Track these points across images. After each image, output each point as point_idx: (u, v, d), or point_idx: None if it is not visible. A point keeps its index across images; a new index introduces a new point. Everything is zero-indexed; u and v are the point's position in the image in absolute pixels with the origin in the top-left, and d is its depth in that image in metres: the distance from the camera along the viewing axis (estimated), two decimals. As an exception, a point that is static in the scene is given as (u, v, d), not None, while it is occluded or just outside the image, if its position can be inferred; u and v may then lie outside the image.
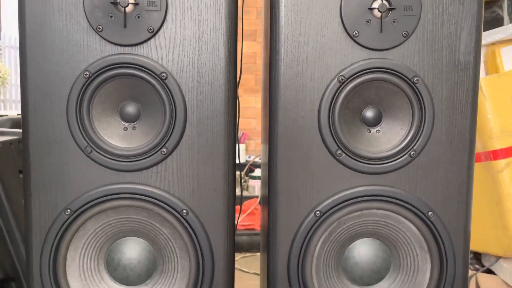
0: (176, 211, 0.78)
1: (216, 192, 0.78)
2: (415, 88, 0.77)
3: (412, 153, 0.78)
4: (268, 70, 0.80)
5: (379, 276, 0.82)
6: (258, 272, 1.89)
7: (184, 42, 0.76)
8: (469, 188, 0.80)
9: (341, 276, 0.81)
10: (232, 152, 0.79)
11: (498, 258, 1.50)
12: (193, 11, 0.75)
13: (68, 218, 0.77)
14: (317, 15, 0.76)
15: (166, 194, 0.78)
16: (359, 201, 0.79)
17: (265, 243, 0.83)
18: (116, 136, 0.78)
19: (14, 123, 2.04)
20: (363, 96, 0.79)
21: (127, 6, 0.74)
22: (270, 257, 0.80)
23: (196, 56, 0.76)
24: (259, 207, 2.88)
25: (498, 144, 1.40)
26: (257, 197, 2.91)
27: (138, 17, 0.75)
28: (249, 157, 3.69)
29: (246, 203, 2.83)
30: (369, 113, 0.80)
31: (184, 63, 0.76)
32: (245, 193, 3.20)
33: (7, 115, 2.33)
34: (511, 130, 1.42)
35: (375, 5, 0.75)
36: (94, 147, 0.77)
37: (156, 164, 0.78)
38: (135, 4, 0.74)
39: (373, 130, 0.80)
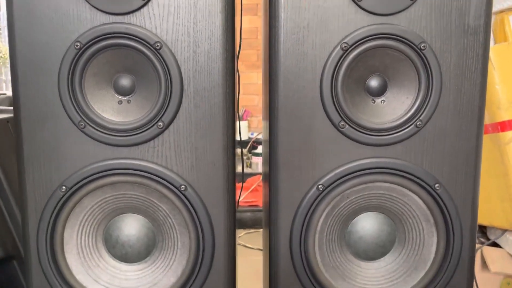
0: (174, 186, 0.75)
1: (215, 166, 0.76)
2: (422, 55, 0.73)
3: (418, 123, 0.75)
4: (267, 39, 0.76)
5: (383, 250, 0.80)
6: (262, 248, 1.89)
7: (178, 9, 0.72)
8: (478, 158, 0.77)
9: (345, 250, 0.79)
10: (231, 125, 0.76)
11: (504, 231, 1.48)
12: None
13: (64, 195, 0.75)
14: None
15: (164, 169, 0.75)
16: (363, 174, 0.76)
17: (267, 218, 0.81)
18: (110, 109, 0.75)
19: (12, 101, 2.00)
20: (367, 64, 0.75)
21: (118, -29, 0.70)
22: (272, 232, 0.78)
23: (191, 24, 0.72)
24: (262, 183, 2.87)
25: (506, 115, 1.36)
26: (260, 174, 2.90)
27: (130, -17, 0.71)
28: (252, 134, 3.66)
29: (249, 180, 2.82)
30: (374, 82, 0.76)
31: (179, 32, 0.72)
32: (248, 170, 3.18)
33: (5, 93, 2.30)
34: (520, 101, 1.38)
35: (380, -34, 0.71)
36: (88, 122, 0.74)
37: (153, 138, 0.75)
38: (126, -30, 0.70)
39: (378, 100, 0.77)
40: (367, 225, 0.80)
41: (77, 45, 0.72)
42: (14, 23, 0.72)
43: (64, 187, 0.75)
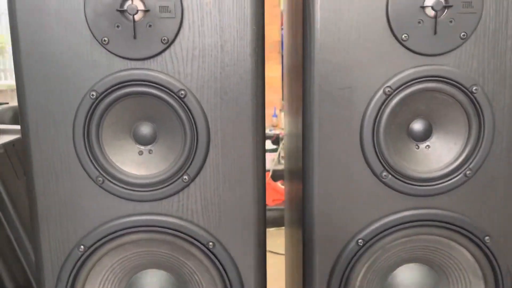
0: (201, 243, 0.69)
1: (245, 221, 0.70)
2: (473, 98, 0.66)
3: (467, 172, 0.68)
4: (296, 70, 0.70)
5: (426, 303, 0.74)
6: (273, 250, 1.82)
7: (204, 53, 0.65)
8: (531, 207, 0.71)
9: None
10: (262, 177, 0.69)
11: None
12: (213, 16, 0.64)
13: (82, 255, 0.69)
14: (359, 16, 0.64)
15: (190, 225, 0.69)
16: (407, 227, 0.70)
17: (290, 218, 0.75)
18: (130, 162, 0.69)
19: (16, 112, 1.94)
20: (411, 108, 0.68)
21: (136, 13, 0.63)
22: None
23: (218, 69, 0.65)
24: (270, 182, 2.81)
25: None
26: (268, 171, 2.84)
27: (150, 25, 0.63)
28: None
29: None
30: (418, 126, 0.69)
31: (204, 77, 0.66)
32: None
33: (7, 103, 2.23)
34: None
35: (429, 2, 0.63)
36: (107, 176, 0.67)
37: (177, 192, 0.69)
38: (146, 11, 0.63)
39: (422, 145, 0.70)
40: (409, 277, 0.74)
41: (92, 95, 0.65)
42: (22, 69, 0.65)
43: (82, 247, 0.69)
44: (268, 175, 2.78)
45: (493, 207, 0.70)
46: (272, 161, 2.92)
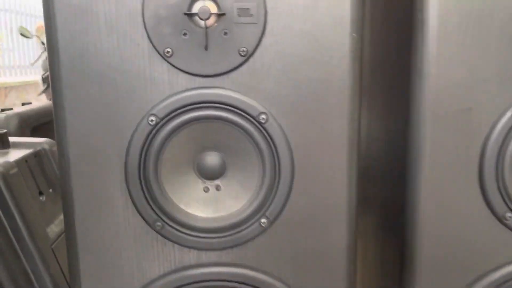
0: (282, 300, 0.57)
1: (334, 274, 0.57)
2: None
3: None
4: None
5: None
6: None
7: (291, 68, 0.52)
8: None
9: None
10: (354, 221, 0.56)
11: None
12: (303, 20, 0.51)
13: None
14: (487, 19, 0.51)
15: (267, 277, 0.56)
16: (532, 278, 0.57)
17: None
18: (194, 201, 0.56)
19: (22, 119, 1.80)
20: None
21: (209, 18, 0.49)
22: None
23: (308, 87, 0.52)
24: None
25: None
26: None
27: (225, 33, 0.50)
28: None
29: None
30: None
31: (290, 98, 0.52)
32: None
33: (11, 109, 2.08)
34: None
35: None
36: (167, 220, 0.54)
37: (253, 239, 0.55)
38: (220, 15, 0.50)
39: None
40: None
41: (151, 120, 0.52)
42: (61, 87, 0.51)
43: (135, 306, 0.56)
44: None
45: None
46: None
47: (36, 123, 1.84)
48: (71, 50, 0.50)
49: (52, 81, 0.52)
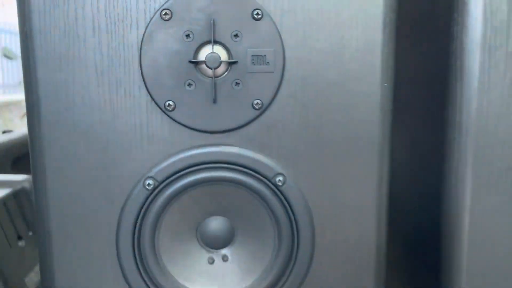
0: None
1: None
2: None
3: None
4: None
5: None
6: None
7: (313, 122, 0.44)
8: None
9: None
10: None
11: None
12: (327, 67, 0.44)
13: None
14: None
15: None
16: None
17: None
18: (197, 275, 0.47)
19: (1, 151, 1.69)
20: None
21: (218, 66, 0.42)
22: None
23: (330, 146, 0.45)
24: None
25: None
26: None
27: (237, 83, 0.43)
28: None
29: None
30: None
31: (312, 156, 0.45)
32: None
33: (11, 130, 1.96)
34: None
35: None
36: (165, 300, 0.46)
37: (267, 319, 0.48)
38: (232, 63, 0.43)
39: None
40: None
41: (149, 184, 0.44)
42: (42, 143, 0.43)
43: None
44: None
45: None
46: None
47: (18, 154, 1.74)
48: (54, 104, 0.42)
49: (31, 139, 0.44)
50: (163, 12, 0.41)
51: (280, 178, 0.45)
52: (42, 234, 0.45)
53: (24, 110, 0.45)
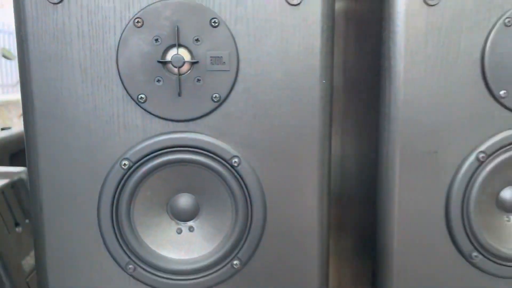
0: None
1: (307, 313, 0.57)
2: None
3: None
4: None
5: None
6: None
7: (263, 112, 0.53)
8: None
9: None
10: (326, 261, 0.57)
11: None
12: (275, 67, 0.52)
13: None
14: (450, 69, 0.54)
15: (240, 319, 0.57)
16: (499, 316, 0.59)
17: None
18: (167, 243, 0.56)
19: (0, 146, 1.78)
20: (503, 175, 0.58)
21: (182, 65, 0.51)
22: None
23: (279, 131, 0.54)
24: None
25: None
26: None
27: (198, 80, 0.51)
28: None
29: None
30: (509, 195, 0.59)
31: (263, 142, 0.54)
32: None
33: (10, 127, 2.04)
34: None
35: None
36: (139, 263, 0.54)
37: (225, 280, 0.56)
38: (194, 63, 0.51)
39: (514, 217, 0.59)
40: None
41: (124, 164, 0.52)
42: (35, 134, 0.52)
43: None
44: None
45: None
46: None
47: (15, 149, 1.82)
48: (46, 97, 0.51)
49: (26, 125, 0.52)
50: (136, 20, 0.50)
51: (236, 159, 0.53)
52: (35, 210, 0.54)
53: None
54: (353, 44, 0.71)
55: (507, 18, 0.53)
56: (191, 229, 0.57)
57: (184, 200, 0.56)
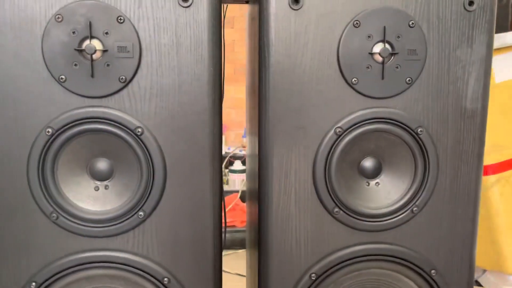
0: (157, 279, 0.70)
1: (201, 256, 0.71)
2: (419, 139, 0.70)
3: (414, 209, 0.72)
4: (255, 94, 0.72)
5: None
6: (241, 273, 1.84)
7: (161, 92, 0.66)
8: (473, 241, 0.75)
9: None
10: (218, 212, 0.71)
11: (484, 270, 1.49)
12: (171, 57, 0.66)
13: (34, 292, 0.68)
14: (312, 61, 0.68)
15: (145, 261, 0.70)
16: (357, 261, 0.72)
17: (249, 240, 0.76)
18: (86, 197, 0.69)
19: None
20: (362, 147, 0.71)
21: (94, 53, 0.64)
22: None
23: (175, 108, 0.67)
24: (239, 203, 2.81)
25: (488, 160, 1.35)
26: (237, 191, 2.83)
27: (108, 65, 0.65)
28: (229, 148, 3.59)
29: (226, 198, 2.74)
30: (368, 164, 0.73)
31: (162, 115, 0.67)
32: (225, 188, 3.10)
33: None
34: (501, 145, 1.39)
35: (376, 49, 0.67)
36: (61, 212, 0.67)
37: (133, 228, 0.69)
38: (104, 51, 0.64)
39: (372, 182, 0.73)
40: (361, 309, 0.76)
41: (48, 131, 0.65)
42: (-24, 104, 0.65)
43: (34, 283, 0.68)
44: (237, 196, 2.77)
45: (438, 241, 0.73)
46: (241, 182, 2.91)
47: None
48: (-17, 75, 0.64)
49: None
50: (57, 16, 0.63)
51: (139, 129, 0.66)
52: (-23, 166, 0.66)
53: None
54: (253, 40, 0.84)
55: (355, 20, 0.66)
56: (106, 187, 0.70)
57: (101, 164, 0.69)
